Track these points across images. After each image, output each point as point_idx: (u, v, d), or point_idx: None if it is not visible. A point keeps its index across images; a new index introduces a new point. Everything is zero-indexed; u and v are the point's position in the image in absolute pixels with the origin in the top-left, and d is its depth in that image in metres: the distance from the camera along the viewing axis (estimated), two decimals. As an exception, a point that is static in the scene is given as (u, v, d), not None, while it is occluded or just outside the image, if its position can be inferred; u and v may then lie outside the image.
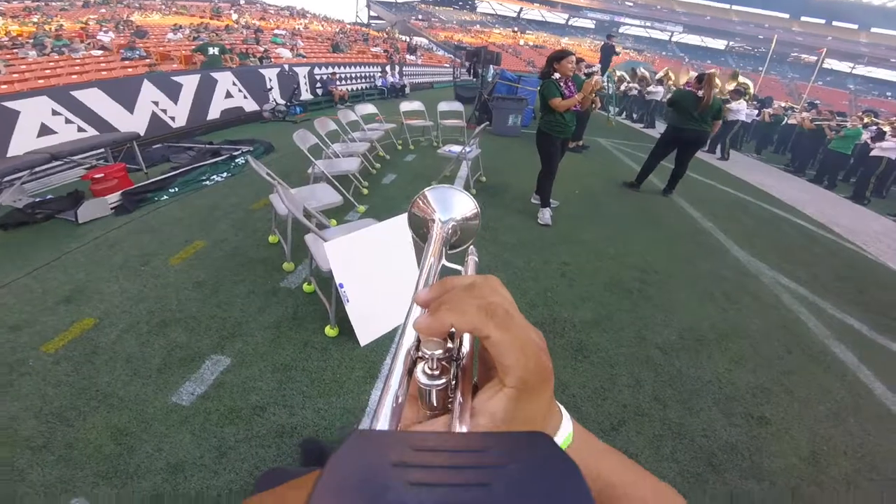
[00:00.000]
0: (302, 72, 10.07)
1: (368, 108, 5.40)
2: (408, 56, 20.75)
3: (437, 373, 0.26)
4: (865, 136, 7.66)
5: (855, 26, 44.79)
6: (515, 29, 46.39)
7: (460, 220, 0.44)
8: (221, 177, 4.53)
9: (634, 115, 12.88)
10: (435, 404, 0.26)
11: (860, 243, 4.62)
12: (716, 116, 4.71)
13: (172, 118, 6.71)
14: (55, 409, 1.76)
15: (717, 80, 5.18)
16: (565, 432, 0.29)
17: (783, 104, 11.82)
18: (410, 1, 47.04)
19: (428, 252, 0.38)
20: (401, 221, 1.92)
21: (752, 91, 9.16)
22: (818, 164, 8.09)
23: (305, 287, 2.53)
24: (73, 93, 5.36)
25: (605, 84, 9.87)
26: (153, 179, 4.18)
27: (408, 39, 30.60)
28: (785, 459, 1.80)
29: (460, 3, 48.94)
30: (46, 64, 8.54)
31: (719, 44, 48.50)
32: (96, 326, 2.22)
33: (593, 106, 6.71)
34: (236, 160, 4.93)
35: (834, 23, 45.46)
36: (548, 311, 2.55)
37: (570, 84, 3.50)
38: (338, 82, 11.11)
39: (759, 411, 2.03)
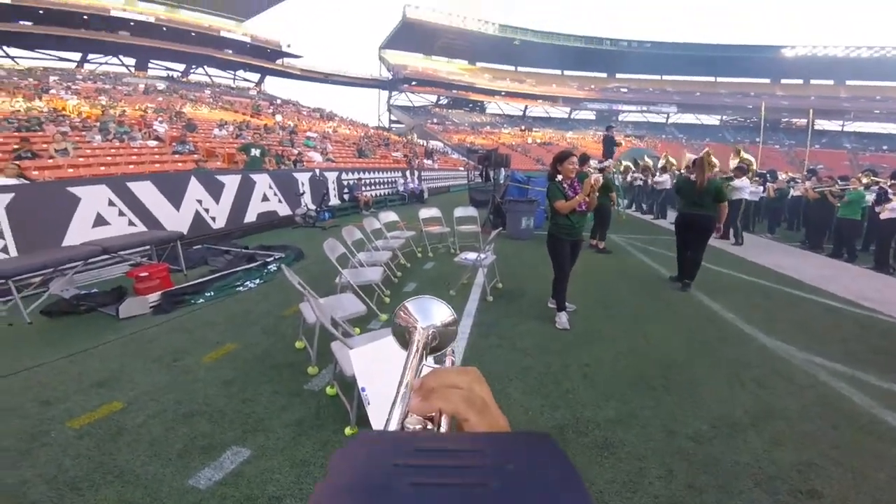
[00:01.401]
0: (331, 177, 11.02)
1: (391, 216, 5.84)
2: (425, 161, 22.44)
3: None
4: (870, 197, 7.46)
5: (831, 82, 46.54)
6: (523, 127, 49.78)
7: (440, 327, 0.48)
8: (255, 283, 4.81)
9: (644, 206, 12.95)
10: None
11: (892, 313, 4.45)
12: (717, 199, 4.68)
13: (213, 218, 7.30)
14: (69, 479, 1.83)
15: (713, 160, 5.28)
16: None
17: (784, 176, 11.69)
18: (426, 105, 51.93)
19: (410, 356, 0.42)
20: None
21: (755, 167, 9.04)
22: (833, 236, 7.78)
23: (328, 390, 2.60)
24: (129, 184, 5.97)
25: (614, 175, 10.22)
26: (192, 282, 4.49)
27: (425, 143, 33.30)
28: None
29: (470, 105, 53.49)
30: (108, 150, 9.61)
31: (714, 119, 50.55)
32: (124, 410, 2.36)
33: (612, 204, 6.81)
34: (269, 267, 5.24)
35: (812, 81, 47.31)
36: (570, 412, 2.51)
37: (574, 184, 3.54)
38: (363, 188, 12.03)
39: (808, 486, 1.92)
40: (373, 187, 13.20)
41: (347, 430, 2.20)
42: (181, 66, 38.70)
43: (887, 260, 6.65)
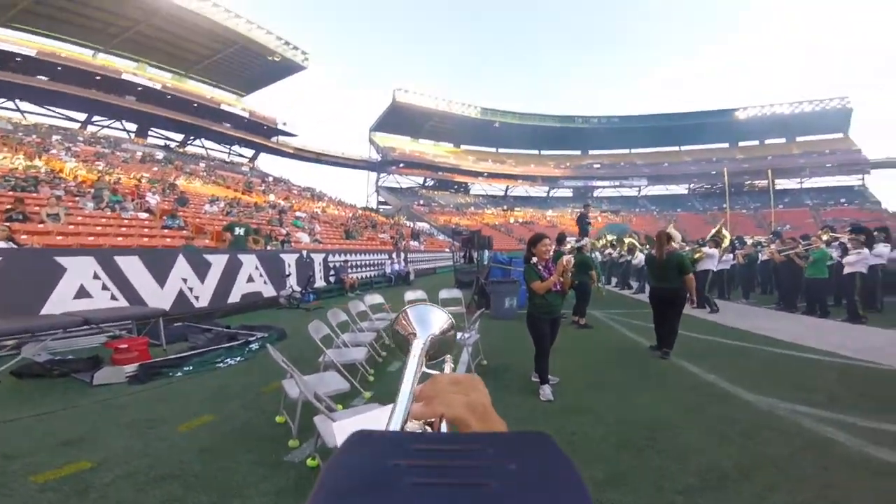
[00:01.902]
0: (318, 259, 11.09)
1: (376, 299, 5.90)
2: (412, 242, 22.84)
3: None
4: (836, 253, 7.82)
5: (783, 140, 48.48)
6: (505, 207, 51.39)
7: (438, 335, 0.48)
8: (235, 360, 4.73)
9: (620, 281, 13.25)
10: None
11: (873, 359, 4.59)
12: (681, 271, 4.85)
13: (197, 298, 7.19)
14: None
15: (674, 233, 5.55)
16: None
17: (751, 240, 12.11)
18: (413, 187, 53.71)
19: (409, 366, 0.41)
20: None
21: (727, 242, 9.24)
22: (805, 295, 8.01)
23: (309, 462, 2.50)
24: (116, 258, 5.90)
25: (592, 254, 10.54)
26: (171, 356, 4.40)
27: (412, 225, 34.02)
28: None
29: (455, 187, 55.49)
30: (99, 220, 9.40)
31: (682, 189, 52.20)
32: (92, 469, 2.31)
33: (592, 283, 7.04)
34: (251, 346, 5.15)
35: (766, 141, 49.27)
36: (556, 479, 2.46)
37: (549, 265, 3.72)
38: (349, 270, 12.08)
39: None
40: (359, 269, 13.23)
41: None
42: (179, 136, 39.02)
43: (857, 311, 6.90)
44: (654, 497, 2.21)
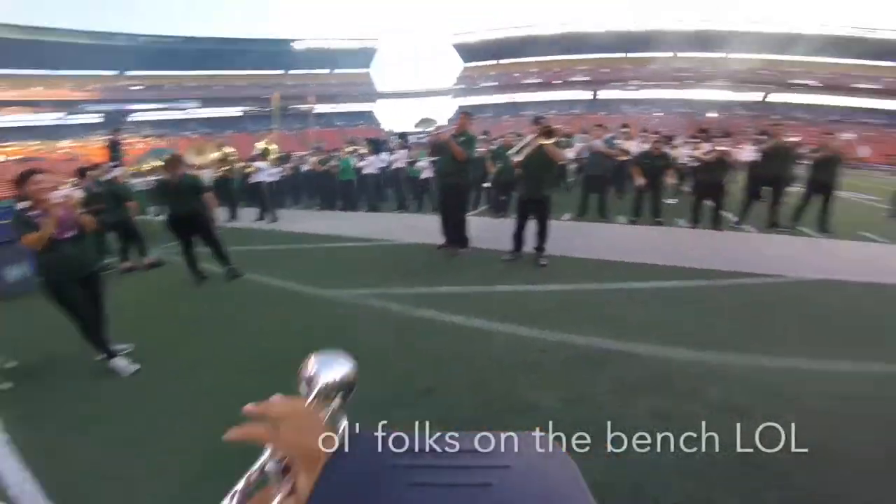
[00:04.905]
0: None
1: None
2: None
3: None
4: (359, 162, 9.87)
5: (328, 70, 57.32)
6: None
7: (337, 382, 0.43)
8: None
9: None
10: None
11: (389, 238, 6.38)
12: (196, 192, 4.74)
13: None
14: None
15: (195, 154, 5.24)
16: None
17: (296, 156, 13.31)
18: None
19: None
20: None
21: (275, 154, 10.21)
22: (340, 195, 9.99)
23: None
24: None
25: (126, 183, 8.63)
26: None
27: None
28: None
29: None
30: None
31: (237, 111, 51.59)
32: None
33: (133, 215, 5.76)
34: None
35: (313, 70, 56.25)
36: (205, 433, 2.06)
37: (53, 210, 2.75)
38: None
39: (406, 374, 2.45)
40: None
41: None
42: None
43: (375, 205, 9.52)
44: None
